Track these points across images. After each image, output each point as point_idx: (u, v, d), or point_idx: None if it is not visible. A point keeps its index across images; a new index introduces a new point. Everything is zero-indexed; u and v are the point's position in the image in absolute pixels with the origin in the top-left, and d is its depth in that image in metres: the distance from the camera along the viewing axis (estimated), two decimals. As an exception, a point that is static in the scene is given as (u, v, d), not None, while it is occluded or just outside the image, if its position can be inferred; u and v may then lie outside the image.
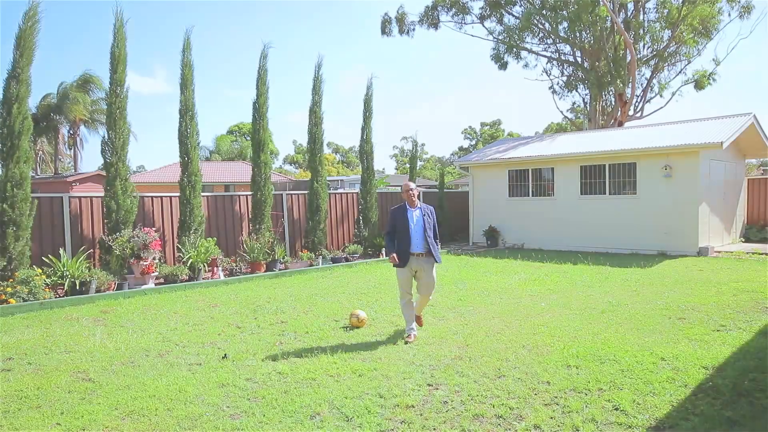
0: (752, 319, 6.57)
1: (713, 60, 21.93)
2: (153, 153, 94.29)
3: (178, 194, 11.67)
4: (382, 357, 5.53)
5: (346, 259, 13.31)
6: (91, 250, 10.54)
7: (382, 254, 14.18)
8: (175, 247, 11.52)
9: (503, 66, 23.78)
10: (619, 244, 13.96)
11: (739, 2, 20.38)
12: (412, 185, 6.27)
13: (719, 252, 13.06)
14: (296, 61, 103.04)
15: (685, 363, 4.95)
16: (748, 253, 12.62)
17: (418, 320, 6.48)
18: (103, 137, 10.48)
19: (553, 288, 9.15)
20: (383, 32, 25.11)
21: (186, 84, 11.52)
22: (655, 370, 4.82)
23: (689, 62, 22.59)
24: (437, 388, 4.61)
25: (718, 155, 13.74)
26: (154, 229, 10.54)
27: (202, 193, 11.90)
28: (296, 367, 5.28)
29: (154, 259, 10.23)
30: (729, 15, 20.80)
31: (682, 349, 5.38)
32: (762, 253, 12.41)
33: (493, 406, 4.18)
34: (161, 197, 11.91)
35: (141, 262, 9.93)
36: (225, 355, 5.70)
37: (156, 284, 10.25)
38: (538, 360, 5.23)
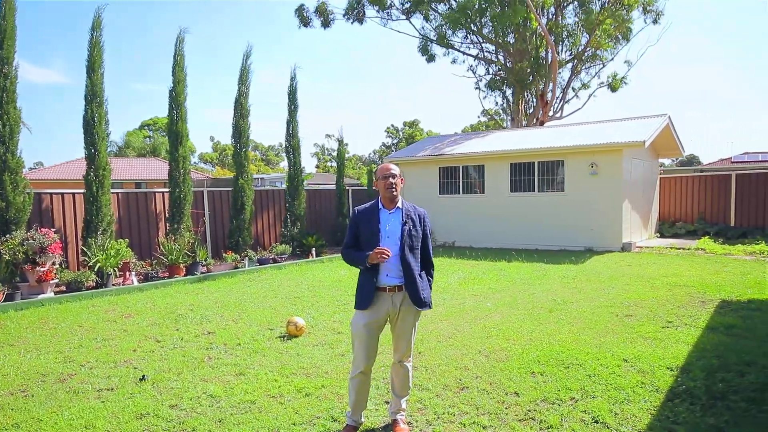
0: (694, 314, 6.59)
1: (625, 62, 23.08)
2: (51, 150, 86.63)
3: (83, 191, 10.36)
4: (329, 371, 4.93)
5: (274, 260, 12.49)
6: (-25, 256, 9.07)
7: (312, 254, 13.49)
8: (80, 251, 10.21)
9: (431, 58, 23.52)
10: (549, 240, 14.14)
11: (653, 11, 21.55)
12: (395, 168, 3.63)
13: (641, 247, 13.54)
14: (213, 55, 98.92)
15: (649, 364, 4.75)
16: (667, 248, 13.16)
17: (395, 426, 3.65)
18: (-13, 124, 9.04)
19: (495, 287, 8.92)
20: (302, 23, 24.07)
21: (93, 67, 10.23)
22: (622, 373, 4.57)
23: (604, 66, 23.66)
24: (397, 407, 4.07)
25: (637, 154, 14.26)
26: (53, 230, 9.24)
27: (112, 190, 10.67)
28: (230, 387, 4.57)
29: (53, 264, 8.95)
30: (645, 21, 21.96)
31: (641, 349, 5.20)
32: (679, 248, 12.97)
33: (464, 426, 3.72)
34: (62, 194, 10.54)
35: (37, 268, 8.64)
36: (143, 376, 4.86)
37: (56, 293, 8.99)
38: (500, 367, 4.85)
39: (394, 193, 3.59)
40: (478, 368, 4.86)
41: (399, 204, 3.66)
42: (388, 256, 3.42)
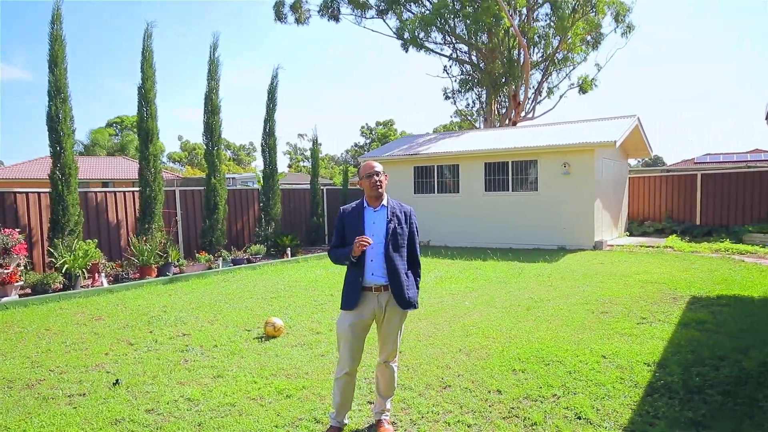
0: (666, 310, 6.74)
1: (596, 65, 23.52)
2: (11, 148, 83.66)
3: (48, 190, 10.02)
4: (309, 372, 4.86)
5: (249, 260, 12.31)
6: (-66, 257, 8.68)
7: (287, 254, 13.35)
8: (46, 252, 9.87)
9: (407, 44, 23.30)
10: (522, 239, 14.30)
11: (624, 22, 21.97)
12: (378, 166, 3.58)
13: (612, 246, 13.81)
14: (180, 52, 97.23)
15: (627, 360, 4.82)
16: (637, 246, 13.45)
17: (379, 426, 3.65)
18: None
19: (471, 285, 8.96)
20: (277, 18, 24.01)
21: (56, 61, 9.88)
22: (601, 369, 4.63)
23: (574, 67, 24.07)
24: (381, 407, 4.04)
25: (608, 154, 14.54)
26: (17, 230, 8.92)
27: (80, 189, 10.34)
28: (209, 390, 4.46)
29: (18, 265, 8.64)
30: (615, 31, 22.40)
31: (618, 346, 5.29)
32: (648, 246, 13.27)
33: (449, 425, 3.71)
34: (27, 193, 10.17)
35: (1, 270, 8.31)
36: (117, 380, 4.71)
37: (21, 296, 8.66)
38: (481, 365, 4.86)
39: (380, 190, 3.54)
40: (460, 366, 4.86)
41: (384, 202, 3.61)
42: (369, 243, 3.37)
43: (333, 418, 3.64)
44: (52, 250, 9.48)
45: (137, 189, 11.50)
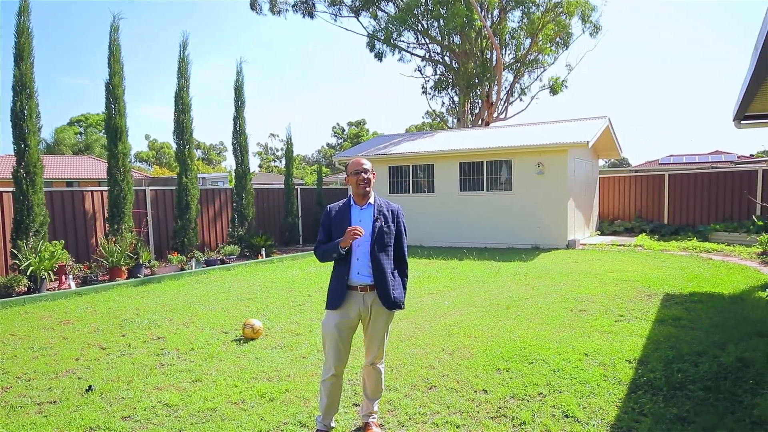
0: (643, 307, 6.85)
1: (566, 67, 23.92)
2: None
3: (11, 189, 9.63)
4: (291, 374, 4.75)
5: (222, 261, 12.07)
6: None
7: (262, 255, 13.14)
8: (9, 253, 9.48)
9: (379, 56, 23.52)
10: (497, 239, 14.41)
11: (591, 23, 22.35)
12: (366, 163, 3.53)
13: (584, 245, 14.02)
14: (147, 50, 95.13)
15: (609, 357, 4.87)
16: (608, 245, 13.69)
17: (367, 429, 3.59)
18: None
19: (450, 285, 8.96)
20: (252, 8, 23.88)
21: (22, 55, 9.50)
22: (584, 367, 4.65)
23: (545, 69, 24.42)
24: (367, 409, 3.97)
25: (580, 154, 14.77)
26: (-21, 231, 8.54)
27: (46, 189, 9.96)
28: (188, 395, 4.31)
29: (-21, 268, 8.27)
30: (583, 32, 22.76)
31: (599, 343, 5.33)
32: (620, 245, 13.53)
33: (437, 426, 3.66)
34: (-12, 192, 9.76)
35: (-39, 273, 7.95)
36: (89, 386, 4.52)
37: (-17, 299, 8.29)
38: (465, 365, 4.83)
39: (367, 189, 3.48)
40: (444, 366, 4.83)
41: (371, 200, 3.54)
42: (361, 233, 3.28)
43: (319, 422, 3.55)
44: (15, 252, 9.10)
45: (106, 188, 11.14)
